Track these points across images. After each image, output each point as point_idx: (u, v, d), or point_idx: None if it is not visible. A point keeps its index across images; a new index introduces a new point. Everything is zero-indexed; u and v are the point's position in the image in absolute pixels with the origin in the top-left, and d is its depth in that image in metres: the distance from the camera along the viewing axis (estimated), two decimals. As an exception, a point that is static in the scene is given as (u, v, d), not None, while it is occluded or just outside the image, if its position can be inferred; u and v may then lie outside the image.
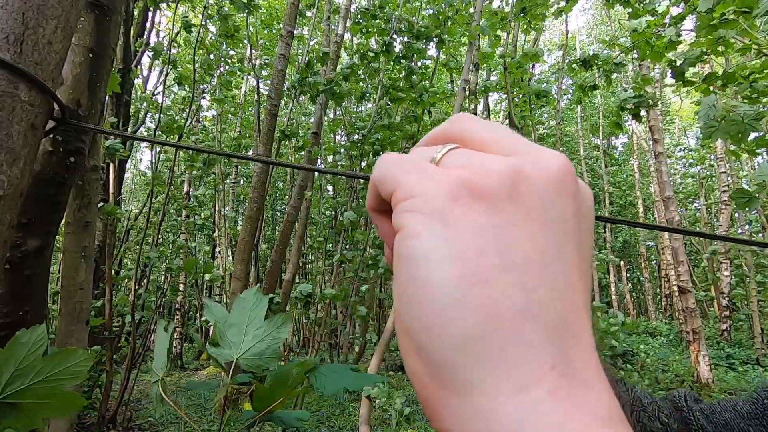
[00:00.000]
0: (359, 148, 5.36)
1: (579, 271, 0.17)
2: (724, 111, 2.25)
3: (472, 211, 0.17)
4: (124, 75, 4.82)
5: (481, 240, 0.16)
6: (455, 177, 0.17)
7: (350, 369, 0.65)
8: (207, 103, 10.04)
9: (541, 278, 0.16)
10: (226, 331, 0.64)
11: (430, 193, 0.17)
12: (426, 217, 0.17)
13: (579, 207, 0.18)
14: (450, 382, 0.15)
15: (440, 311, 0.15)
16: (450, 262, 0.16)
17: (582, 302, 0.17)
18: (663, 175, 7.20)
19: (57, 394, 0.43)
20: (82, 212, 1.78)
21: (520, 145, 0.19)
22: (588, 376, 0.15)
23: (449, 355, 0.15)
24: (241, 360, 0.63)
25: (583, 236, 0.18)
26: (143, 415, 5.27)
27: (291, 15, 5.37)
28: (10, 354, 0.40)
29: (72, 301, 1.81)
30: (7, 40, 0.22)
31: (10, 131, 0.21)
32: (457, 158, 0.19)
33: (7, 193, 0.22)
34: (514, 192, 0.17)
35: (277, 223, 13.85)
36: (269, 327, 0.65)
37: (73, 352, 0.46)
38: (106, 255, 4.66)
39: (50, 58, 0.24)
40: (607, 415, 0.14)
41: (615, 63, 3.71)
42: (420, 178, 0.18)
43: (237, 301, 0.67)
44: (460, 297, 0.15)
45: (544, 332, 0.15)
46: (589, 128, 18.28)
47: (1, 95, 0.21)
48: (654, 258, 17.91)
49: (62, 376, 0.44)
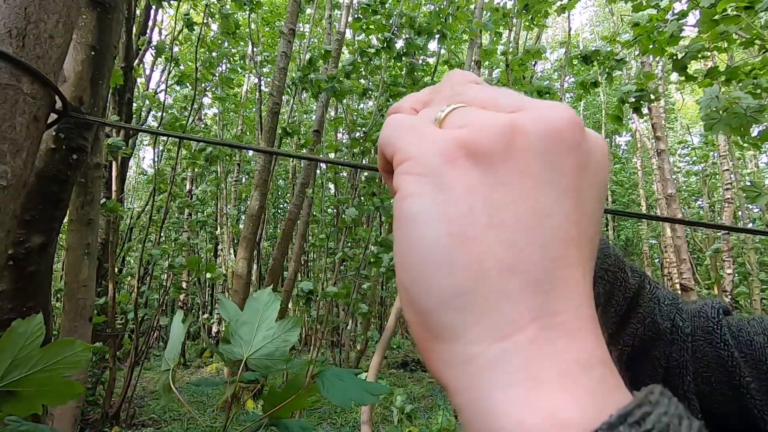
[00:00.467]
0: (361, 145, 5.36)
1: (578, 228, 0.17)
2: (726, 103, 2.23)
3: (467, 171, 0.17)
4: (126, 73, 4.83)
5: (472, 200, 0.17)
6: (451, 137, 0.18)
7: (354, 375, 0.65)
8: (208, 101, 10.06)
9: (530, 236, 0.16)
10: (238, 329, 0.65)
11: (426, 155, 0.18)
12: (420, 179, 0.17)
13: (584, 159, 0.18)
14: (438, 331, 0.16)
15: (430, 269, 0.16)
16: (439, 223, 0.16)
17: (575, 258, 0.17)
18: (665, 173, 7.18)
19: (55, 383, 0.44)
20: (85, 210, 1.79)
21: (525, 101, 0.19)
22: (574, 327, 0.16)
23: (437, 307, 0.16)
24: (250, 359, 0.64)
25: (588, 190, 0.18)
26: (146, 411, 5.30)
27: (293, 12, 5.37)
28: (6, 344, 0.41)
29: (75, 298, 1.82)
30: (10, 33, 0.23)
31: (13, 123, 0.22)
32: (460, 117, 0.19)
33: (11, 184, 0.23)
34: (510, 148, 0.17)
35: (278, 221, 13.88)
36: (279, 329, 0.66)
37: (71, 342, 0.46)
38: (109, 252, 4.68)
39: (52, 52, 0.24)
40: (587, 362, 0.15)
41: (616, 60, 3.68)
42: (418, 140, 0.18)
43: (250, 299, 0.68)
44: (448, 256, 0.16)
45: (527, 287, 0.16)
46: (592, 126, 18.21)
47: (4, 88, 0.22)
48: (657, 256, 17.87)
49: (60, 366, 0.45)
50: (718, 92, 2.33)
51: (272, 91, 5.28)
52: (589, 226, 0.18)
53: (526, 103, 0.19)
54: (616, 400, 0.14)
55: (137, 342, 4.86)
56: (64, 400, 0.44)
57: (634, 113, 3.66)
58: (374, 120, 5.35)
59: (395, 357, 9.03)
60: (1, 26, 0.22)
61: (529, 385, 0.14)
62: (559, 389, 0.14)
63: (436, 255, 0.16)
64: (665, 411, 0.13)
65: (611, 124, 4.18)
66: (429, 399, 5.81)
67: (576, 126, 0.18)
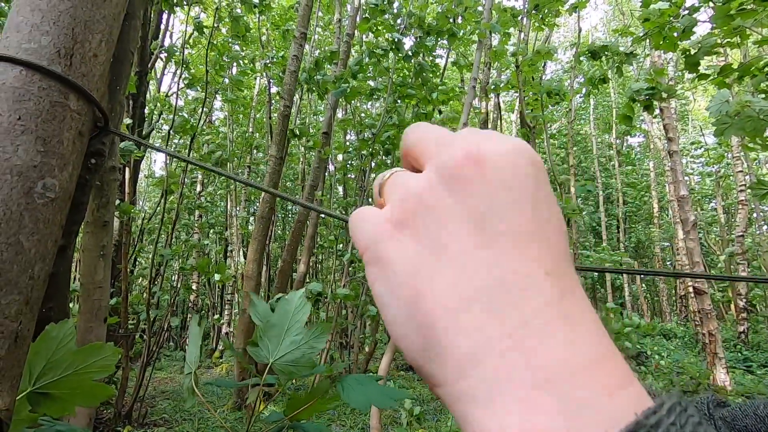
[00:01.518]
0: (369, 147, 5.37)
1: (513, 241, 0.18)
2: (738, 106, 2.19)
3: (399, 242, 0.20)
4: (140, 77, 4.90)
5: (409, 264, 0.19)
6: (381, 216, 0.21)
7: (375, 380, 0.65)
8: (219, 104, 10.15)
9: (475, 267, 0.18)
10: (267, 331, 0.65)
11: (370, 242, 0.21)
12: (371, 266, 0.20)
13: (488, 190, 0.19)
14: (429, 380, 0.19)
15: (402, 340, 0.19)
16: (392, 299, 0.19)
17: (529, 278, 0.17)
18: (678, 174, 7.08)
19: (86, 385, 0.46)
20: (100, 212, 1.83)
21: (431, 147, 0.21)
22: (543, 333, 0.16)
23: (419, 364, 0.19)
24: (275, 364, 0.64)
25: (494, 211, 0.18)
26: (158, 411, 5.36)
27: (304, 16, 5.40)
28: (40, 347, 0.43)
29: (91, 299, 1.85)
30: (59, 53, 0.24)
31: (61, 138, 0.23)
32: (390, 189, 0.22)
33: (59, 196, 0.24)
34: (425, 206, 0.19)
35: (288, 223, 13.95)
36: (307, 335, 0.65)
37: (100, 347, 0.48)
38: (122, 254, 4.75)
39: (95, 70, 0.25)
40: (556, 373, 0.15)
41: (626, 54, 3.62)
42: (363, 230, 0.21)
43: (282, 301, 0.67)
44: (407, 323, 0.19)
45: (481, 315, 0.17)
46: (603, 127, 18.02)
47: (54, 105, 0.23)
48: (669, 259, 17.60)
49: (91, 369, 0.46)
50: (728, 96, 2.29)
51: (283, 94, 5.31)
52: (535, 234, 0.18)
53: (432, 149, 0.21)
54: (597, 410, 0.14)
55: (149, 342, 4.92)
56: (96, 402, 0.46)
57: (645, 111, 3.60)
58: (383, 121, 5.36)
59: (403, 359, 9.00)
60: (51, 47, 0.23)
61: (497, 410, 0.15)
62: (526, 409, 0.15)
63: (401, 328, 0.19)
64: (673, 422, 0.13)
65: (622, 125, 4.13)
66: (438, 402, 5.80)
67: (472, 161, 0.19)
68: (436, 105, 5.55)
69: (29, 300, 0.22)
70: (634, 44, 3.47)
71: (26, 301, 0.22)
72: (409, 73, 5.57)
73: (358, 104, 9.06)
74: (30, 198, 0.21)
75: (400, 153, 0.24)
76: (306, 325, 0.66)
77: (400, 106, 5.73)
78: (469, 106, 4.19)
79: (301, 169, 11.14)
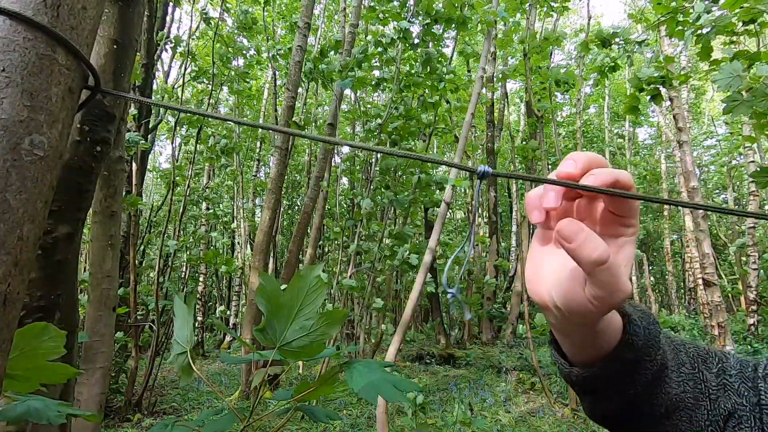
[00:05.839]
0: (376, 137, 5.34)
1: None
2: (750, 80, 2.08)
3: None
4: (147, 69, 4.90)
5: None
6: None
7: (383, 366, 0.60)
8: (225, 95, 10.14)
9: None
10: (276, 312, 0.59)
11: None
12: None
13: None
14: None
15: None
16: None
17: None
18: (688, 165, 6.96)
19: (41, 366, 0.46)
20: (108, 202, 1.83)
21: None
22: None
23: None
24: (281, 349, 0.59)
25: None
26: (167, 400, 5.44)
27: (308, 6, 5.36)
28: None
29: (100, 288, 1.87)
30: (45, 3, 0.23)
31: (48, 93, 0.22)
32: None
33: (48, 154, 0.23)
34: None
35: (294, 215, 13.99)
36: (319, 322, 0.59)
37: (42, 327, 0.46)
38: (130, 245, 4.79)
39: (85, 24, 0.24)
40: None
41: (638, 42, 3.53)
42: None
43: (296, 277, 0.60)
44: None
45: None
46: (614, 118, 17.77)
47: (41, 58, 0.22)
48: (678, 252, 17.43)
49: (38, 350, 0.46)
50: (739, 70, 2.16)
51: (288, 85, 5.29)
52: None
53: None
54: None
55: (158, 332, 4.98)
56: (61, 379, 0.48)
57: (652, 101, 3.50)
58: (389, 112, 5.32)
59: (410, 350, 9.05)
60: (36, -5, 0.22)
61: None
62: None
63: None
64: None
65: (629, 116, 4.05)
66: (444, 392, 5.82)
67: None
68: (443, 94, 5.49)
69: (18, 261, 0.21)
70: (648, 30, 3.38)
71: (15, 263, 0.21)
72: (416, 63, 5.51)
73: (364, 95, 9.01)
74: (17, 154, 0.21)
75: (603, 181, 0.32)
76: (315, 313, 0.61)
77: (407, 95, 5.67)
78: (476, 96, 4.14)
79: (306, 160, 11.13)
